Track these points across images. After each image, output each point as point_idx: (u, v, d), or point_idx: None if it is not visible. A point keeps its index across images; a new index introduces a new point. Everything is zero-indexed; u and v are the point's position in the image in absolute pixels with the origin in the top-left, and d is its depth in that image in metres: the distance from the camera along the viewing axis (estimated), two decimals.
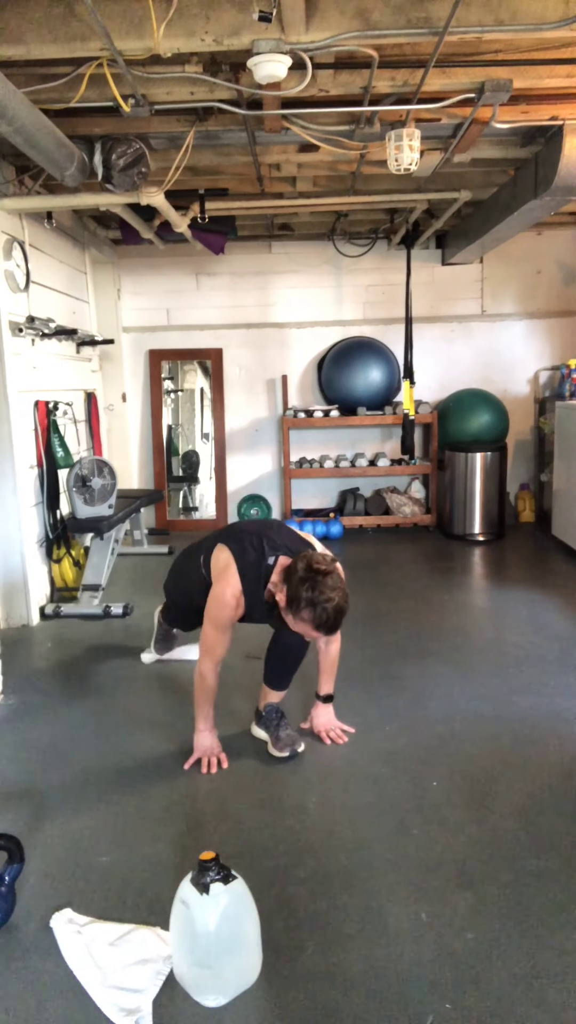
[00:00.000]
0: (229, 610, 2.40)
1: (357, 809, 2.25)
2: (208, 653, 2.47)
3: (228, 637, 2.47)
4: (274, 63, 2.53)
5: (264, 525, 2.56)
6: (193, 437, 6.98)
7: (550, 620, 3.86)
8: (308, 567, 2.20)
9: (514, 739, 2.65)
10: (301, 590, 2.17)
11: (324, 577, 2.17)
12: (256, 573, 2.39)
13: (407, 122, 3.27)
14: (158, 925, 1.76)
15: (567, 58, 2.89)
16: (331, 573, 2.19)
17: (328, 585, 2.16)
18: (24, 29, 2.50)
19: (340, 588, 2.19)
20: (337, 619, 2.20)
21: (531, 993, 1.57)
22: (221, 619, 2.42)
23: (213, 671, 2.48)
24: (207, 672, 2.48)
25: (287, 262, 6.05)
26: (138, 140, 3.42)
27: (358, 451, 6.22)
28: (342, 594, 2.19)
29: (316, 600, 2.15)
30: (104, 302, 5.90)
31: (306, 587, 2.16)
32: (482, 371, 6.19)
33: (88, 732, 2.81)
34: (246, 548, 2.42)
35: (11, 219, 4.09)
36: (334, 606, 2.17)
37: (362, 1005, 1.55)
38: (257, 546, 2.42)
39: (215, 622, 2.44)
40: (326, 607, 2.16)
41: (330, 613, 2.17)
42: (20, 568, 3.97)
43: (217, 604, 2.41)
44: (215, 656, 2.47)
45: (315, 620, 2.19)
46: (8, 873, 1.84)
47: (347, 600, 2.22)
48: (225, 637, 2.46)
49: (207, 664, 2.47)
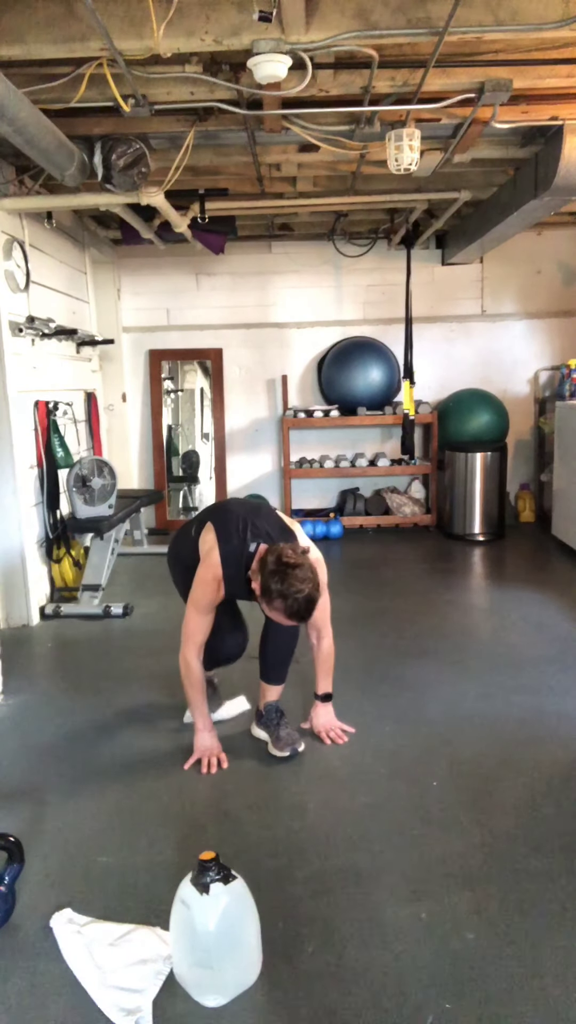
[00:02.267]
0: (210, 592, 2.45)
1: (357, 809, 2.25)
2: (190, 638, 2.50)
3: (209, 620, 2.51)
4: (274, 63, 2.53)
5: (252, 509, 2.60)
6: (193, 437, 6.98)
7: (550, 620, 3.86)
8: (278, 560, 2.26)
9: (514, 739, 2.65)
10: (271, 582, 2.24)
11: (293, 570, 2.23)
12: (237, 558, 2.44)
13: (407, 122, 3.27)
14: (158, 925, 1.76)
15: (567, 58, 2.89)
16: (300, 566, 2.25)
17: (297, 577, 2.23)
18: (24, 29, 2.50)
19: (310, 579, 2.26)
20: (308, 608, 2.28)
21: (531, 993, 1.57)
22: (203, 600, 2.47)
23: (196, 656, 2.51)
24: (190, 658, 2.50)
25: (287, 262, 6.05)
26: (138, 140, 3.42)
27: (358, 451, 6.22)
28: (312, 585, 2.26)
29: (286, 592, 2.23)
30: (104, 302, 5.90)
31: (275, 580, 2.23)
32: (482, 371, 6.19)
33: (88, 732, 2.81)
34: (231, 532, 2.47)
35: (11, 219, 4.09)
36: (304, 596, 2.24)
37: (362, 1005, 1.55)
38: (241, 531, 2.47)
39: (196, 603, 2.48)
40: (296, 598, 2.23)
41: (300, 603, 2.25)
42: (20, 568, 3.97)
43: (199, 585, 2.47)
44: (196, 641, 2.50)
45: (287, 610, 2.26)
46: (8, 873, 1.84)
47: (318, 589, 2.30)
48: (206, 620, 2.50)
49: (190, 650, 2.50)
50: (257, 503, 2.71)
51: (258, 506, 2.65)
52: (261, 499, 6.21)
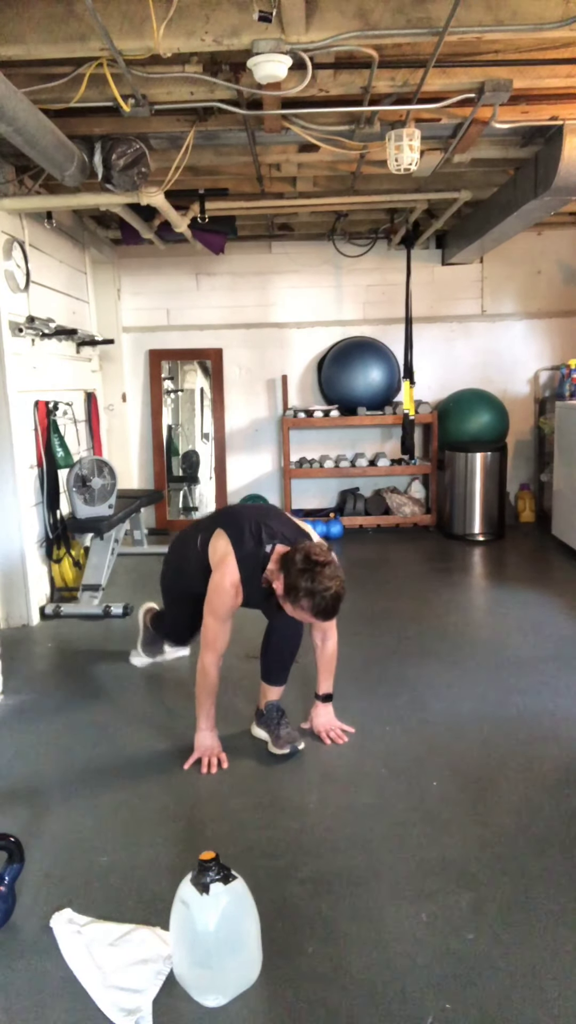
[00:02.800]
0: (229, 599, 2.43)
1: (357, 809, 2.25)
2: (210, 646, 2.48)
3: (228, 628, 2.49)
4: (274, 63, 2.53)
5: (262, 512, 2.59)
6: (193, 437, 6.98)
7: (550, 620, 3.86)
8: (306, 558, 2.25)
9: (514, 739, 2.65)
10: (300, 580, 2.23)
11: (322, 567, 2.23)
12: (254, 561, 2.42)
13: (407, 122, 3.27)
14: (158, 925, 1.76)
15: (567, 58, 2.89)
16: (329, 564, 2.26)
17: (326, 575, 2.23)
18: (24, 29, 2.50)
19: (338, 576, 2.26)
20: (335, 605, 2.28)
21: (531, 993, 1.57)
22: (222, 608, 2.44)
23: (215, 665, 2.49)
24: (209, 666, 2.49)
25: (287, 262, 6.05)
26: (138, 140, 3.42)
27: (358, 451, 6.22)
28: (339, 582, 2.26)
29: (315, 590, 2.22)
30: (104, 302, 5.90)
31: (305, 577, 2.22)
32: (482, 371, 6.19)
33: (88, 732, 2.81)
34: (244, 536, 2.45)
35: (11, 219, 4.09)
36: (332, 594, 2.24)
37: (362, 1005, 1.55)
38: (255, 534, 2.45)
39: (215, 611, 2.46)
40: (325, 595, 2.23)
41: (329, 600, 2.24)
42: (20, 568, 3.97)
43: (217, 592, 2.44)
44: (217, 649, 2.48)
45: (314, 608, 2.25)
46: (8, 873, 1.84)
47: (344, 587, 2.29)
48: (226, 628, 2.48)
49: (210, 657, 2.48)
50: (264, 506, 2.70)
51: (267, 509, 2.64)
52: (261, 499, 6.22)
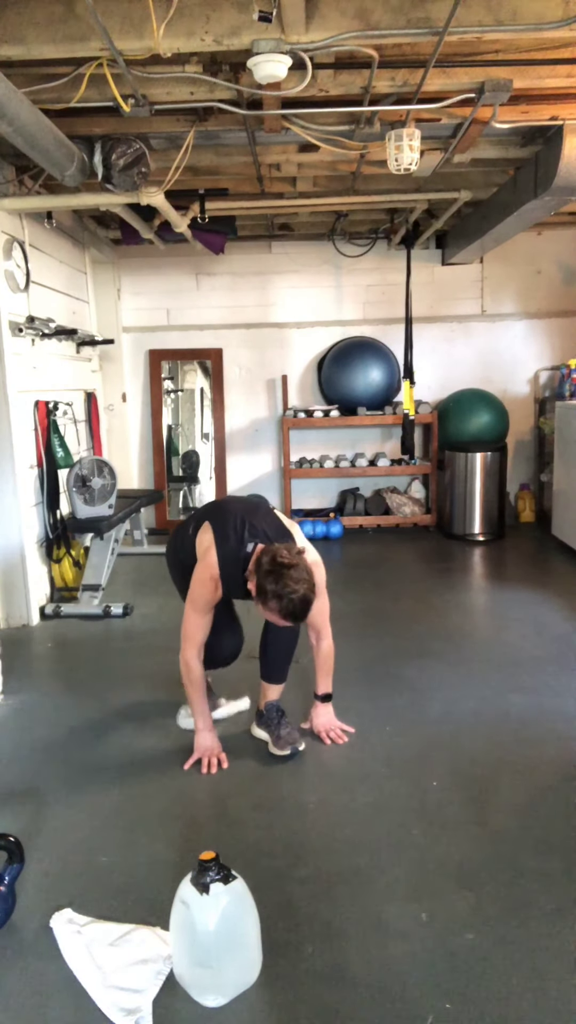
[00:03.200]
0: (208, 592, 2.45)
1: (357, 809, 2.25)
2: (189, 638, 2.50)
3: (208, 620, 2.50)
4: (274, 63, 2.53)
5: (250, 509, 2.58)
6: (193, 437, 6.98)
7: (550, 620, 3.86)
8: (272, 560, 2.25)
9: (514, 739, 2.65)
10: (267, 583, 2.23)
11: (288, 570, 2.22)
12: (235, 558, 2.43)
13: (407, 122, 3.27)
14: (158, 925, 1.76)
15: (567, 58, 2.89)
16: (295, 566, 2.24)
17: (292, 577, 2.22)
18: (24, 29, 2.50)
19: (304, 580, 2.25)
20: (303, 608, 2.27)
21: (531, 993, 1.57)
22: (200, 600, 2.46)
23: (196, 657, 2.51)
24: (190, 659, 2.50)
25: (287, 262, 6.05)
26: (138, 140, 3.42)
27: (358, 451, 6.22)
28: (307, 585, 2.25)
29: (281, 593, 2.22)
30: (104, 302, 5.90)
31: (270, 580, 2.22)
32: (482, 371, 6.19)
33: (88, 732, 2.81)
34: (228, 533, 2.46)
35: (11, 219, 4.09)
36: (299, 597, 2.23)
37: (362, 1005, 1.55)
38: (239, 532, 2.45)
39: (195, 603, 2.47)
40: (291, 598, 2.22)
41: (296, 603, 2.23)
42: (20, 568, 3.97)
43: (197, 584, 2.46)
44: (196, 641, 2.50)
45: (281, 610, 2.25)
46: (8, 873, 1.84)
47: (313, 590, 2.28)
48: (205, 620, 2.49)
49: (189, 650, 2.50)
50: (255, 502, 2.70)
51: (256, 505, 2.64)
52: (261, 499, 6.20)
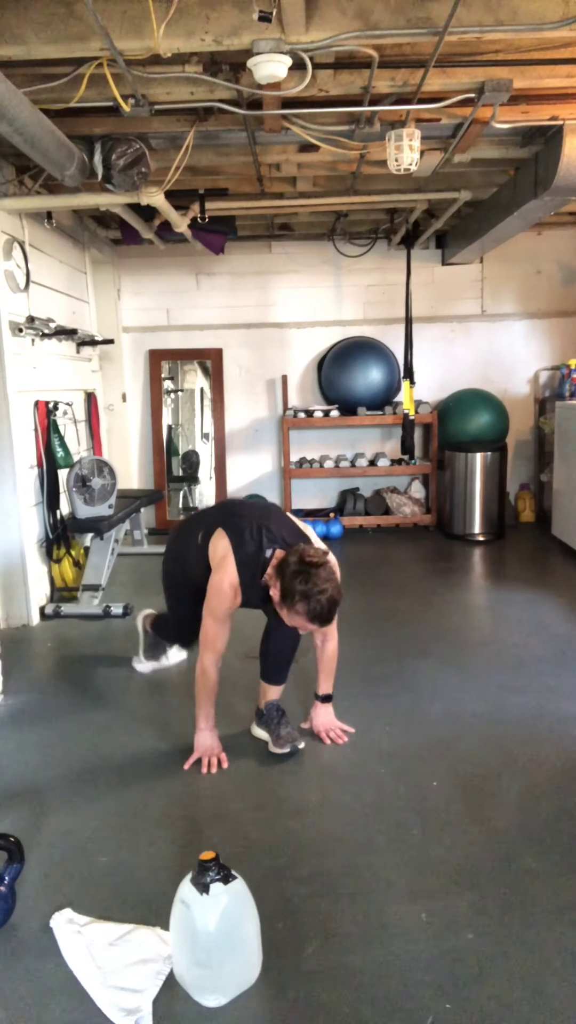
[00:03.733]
0: (228, 600, 2.42)
1: (357, 809, 2.25)
2: (209, 647, 2.48)
3: (227, 629, 2.48)
4: (274, 63, 2.53)
5: (263, 514, 2.54)
6: (193, 437, 6.98)
7: (550, 620, 3.86)
8: (300, 560, 2.22)
9: (514, 739, 2.65)
10: (295, 584, 2.20)
11: (316, 570, 2.20)
12: (253, 565, 2.40)
13: (407, 122, 3.27)
14: (158, 925, 1.76)
15: (567, 58, 2.89)
16: (323, 565, 2.22)
17: (321, 577, 2.19)
18: (24, 29, 2.50)
19: (332, 580, 2.23)
20: (331, 610, 2.24)
21: (531, 993, 1.57)
22: (220, 609, 2.43)
23: (215, 665, 2.49)
24: (209, 667, 2.48)
25: (287, 262, 6.05)
26: (138, 140, 3.42)
27: (358, 451, 6.22)
28: (335, 586, 2.23)
29: (310, 593, 2.18)
30: (104, 302, 5.90)
31: (299, 580, 2.19)
32: (482, 371, 6.19)
33: (88, 732, 2.81)
34: (245, 539, 2.42)
35: (11, 219, 4.09)
36: (327, 598, 2.20)
37: (362, 1005, 1.55)
38: (256, 537, 2.42)
39: (214, 612, 2.45)
40: (319, 599, 2.19)
41: (324, 605, 2.20)
42: (20, 568, 3.97)
43: (216, 593, 2.43)
44: (216, 649, 2.47)
45: (309, 612, 2.22)
46: (8, 873, 1.84)
47: (340, 591, 2.25)
48: (225, 629, 2.47)
49: (209, 658, 2.48)
50: (266, 505, 2.67)
51: (268, 509, 2.60)
52: (261, 499, 6.22)
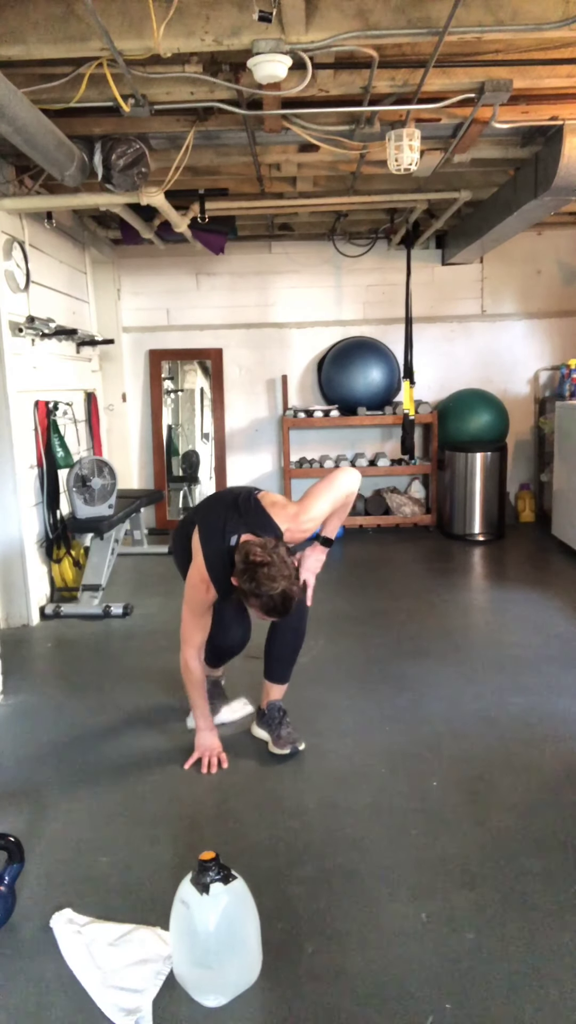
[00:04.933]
0: (200, 593, 2.42)
1: (357, 809, 2.25)
2: (187, 640, 2.49)
3: (206, 621, 2.49)
4: (274, 63, 2.53)
5: (234, 501, 2.49)
6: (193, 437, 6.98)
7: (550, 620, 3.86)
8: (244, 559, 2.20)
9: (514, 739, 2.65)
10: (243, 582, 2.21)
11: (261, 568, 2.16)
12: (219, 556, 2.37)
13: (407, 122, 3.27)
14: (158, 925, 1.76)
15: (567, 58, 2.89)
16: (267, 564, 2.16)
17: (266, 575, 2.16)
18: (24, 29, 2.50)
19: (282, 576, 2.17)
20: (285, 604, 2.20)
21: (531, 993, 1.57)
22: (194, 601, 2.44)
23: (196, 657, 2.50)
24: (190, 659, 2.50)
25: (287, 262, 6.05)
26: (138, 140, 3.42)
27: (358, 451, 6.22)
28: (286, 580, 2.17)
29: (259, 592, 2.18)
30: (104, 302, 5.90)
31: (245, 579, 2.19)
32: (482, 371, 6.19)
33: (88, 732, 2.81)
34: (212, 532, 2.40)
35: (11, 219, 4.09)
36: (278, 593, 2.17)
37: (362, 1005, 1.55)
38: (220, 527, 2.39)
39: (190, 605, 2.46)
40: (271, 595, 2.17)
41: (276, 600, 2.19)
42: (20, 568, 3.97)
43: (190, 586, 2.44)
44: (194, 642, 2.49)
45: (264, 608, 2.23)
46: (8, 873, 1.84)
47: (294, 582, 2.21)
48: (203, 621, 2.48)
49: (188, 650, 2.49)
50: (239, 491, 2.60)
51: (242, 497, 2.53)
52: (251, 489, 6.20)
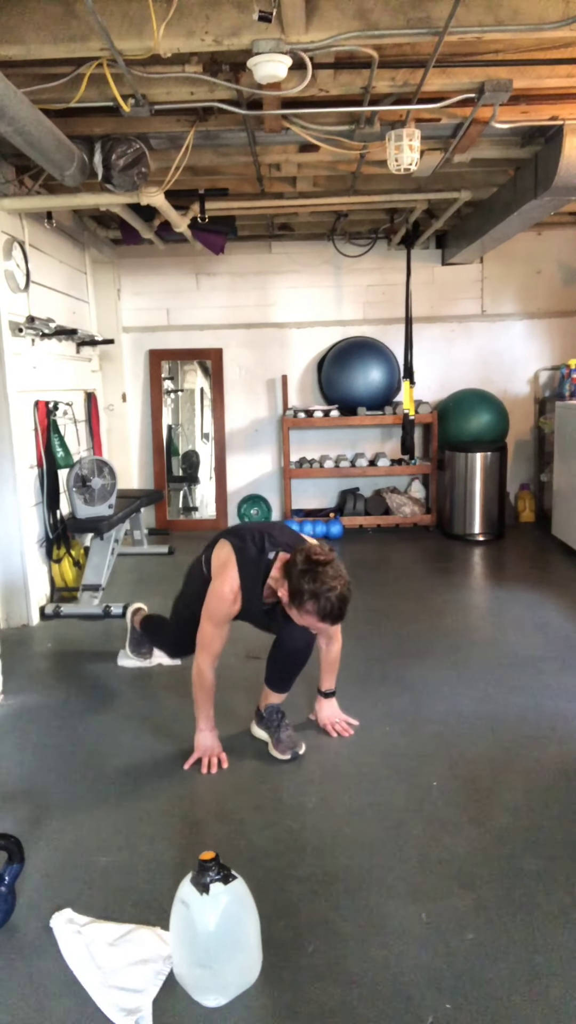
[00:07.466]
0: (227, 604, 2.41)
1: (357, 809, 2.25)
2: (205, 649, 2.47)
3: (225, 632, 2.48)
4: (274, 63, 2.53)
5: (266, 524, 2.58)
6: (193, 437, 6.98)
7: (550, 620, 3.86)
8: (307, 559, 2.21)
9: (514, 739, 2.65)
10: (303, 582, 2.18)
11: (324, 567, 2.18)
12: (256, 568, 2.39)
13: (407, 122, 3.27)
14: (158, 925, 1.76)
15: (567, 58, 2.89)
16: (331, 563, 2.20)
17: (329, 575, 2.17)
18: (24, 29, 2.50)
19: (341, 577, 2.20)
20: (342, 608, 2.21)
21: (531, 993, 1.57)
22: (218, 613, 2.43)
23: (211, 667, 2.49)
24: (205, 668, 2.48)
25: (287, 262, 6.05)
26: (138, 140, 3.42)
27: (358, 451, 6.22)
28: (344, 582, 2.20)
29: (319, 591, 2.16)
30: (104, 302, 5.90)
31: (307, 579, 2.17)
32: (482, 371, 6.19)
33: (88, 732, 2.81)
34: (247, 543, 2.43)
35: (11, 219, 4.09)
36: (337, 595, 2.17)
37: (362, 1005, 1.55)
38: (258, 542, 2.43)
39: (212, 616, 2.44)
40: (329, 596, 2.16)
41: (334, 602, 2.18)
42: (20, 568, 3.97)
43: (215, 598, 2.42)
44: (212, 651, 2.47)
45: (320, 611, 2.19)
46: (8, 873, 1.84)
47: (349, 588, 2.23)
48: (222, 632, 2.47)
49: (205, 660, 2.48)
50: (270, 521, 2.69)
51: (272, 522, 2.63)
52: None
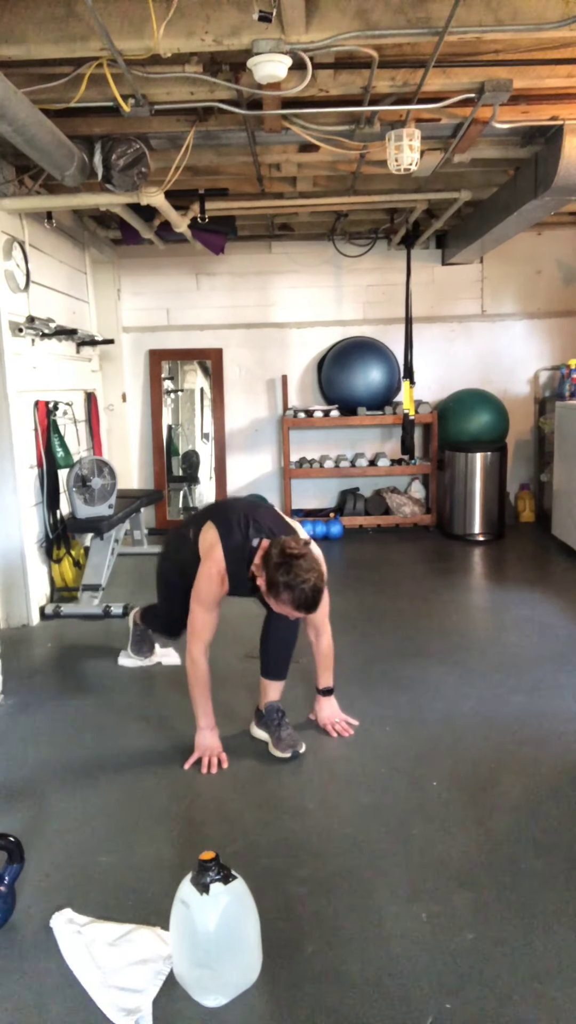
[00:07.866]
0: (215, 587, 2.47)
1: (357, 809, 2.25)
2: (197, 635, 2.51)
3: (215, 617, 2.52)
4: (274, 63, 2.53)
5: (252, 506, 2.62)
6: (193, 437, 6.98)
7: (550, 620, 3.86)
8: (281, 552, 2.26)
9: (514, 739, 2.65)
10: (278, 575, 2.24)
11: (298, 560, 2.24)
12: (240, 554, 2.45)
13: (407, 122, 3.27)
14: (158, 925, 1.76)
15: (567, 58, 2.89)
16: (304, 556, 2.26)
17: (302, 567, 2.24)
18: (24, 29, 2.50)
19: (315, 569, 2.27)
20: (315, 598, 2.28)
21: (531, 993, 1.57)
22: (208, 596, 2.48)
23: (203, 654, 2.52)
24: (197, 656, 2.51)
25: (287, 262, 6.05)
26: (138, 140, 3.42)
27: (358, 451, 6.22)
28: (317, 574, 2.27)
29: (292, 583, 2.23)
30: (104, 302, 5.90)
31: (282, 571, 2.24)
32: (482, 371, 6.19)
33: (88, 732, 2.81)
34: (233, 528, 2.49)
35: (11, 219, 4.09)
36: (311, 586, 2.25)
37: (362, 1005, 1.55)
38: (243, 527, 2.48)
39: (202, 599, 2.49)
40: (303, 588, 2.23)
41: (308, 593, 2.25)
42: (20, 568, 3.97)
43: (203, 580, 2.48)
44: (204, 638, 2.51)
45: (294, 601, 2.26)
46: (8, 873, 1.84)
47: (323, 579, 2.30)
48: (212, 616, 2.51)
49: (197, 647, 2.51)
50: (255, 501, 2.74)
51: (256, 503, 2.67)
52: (262, 499, 6.22)
